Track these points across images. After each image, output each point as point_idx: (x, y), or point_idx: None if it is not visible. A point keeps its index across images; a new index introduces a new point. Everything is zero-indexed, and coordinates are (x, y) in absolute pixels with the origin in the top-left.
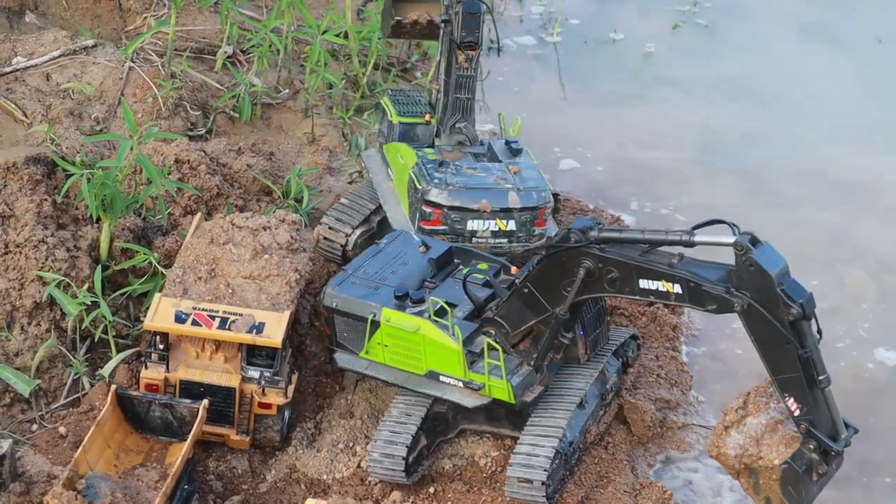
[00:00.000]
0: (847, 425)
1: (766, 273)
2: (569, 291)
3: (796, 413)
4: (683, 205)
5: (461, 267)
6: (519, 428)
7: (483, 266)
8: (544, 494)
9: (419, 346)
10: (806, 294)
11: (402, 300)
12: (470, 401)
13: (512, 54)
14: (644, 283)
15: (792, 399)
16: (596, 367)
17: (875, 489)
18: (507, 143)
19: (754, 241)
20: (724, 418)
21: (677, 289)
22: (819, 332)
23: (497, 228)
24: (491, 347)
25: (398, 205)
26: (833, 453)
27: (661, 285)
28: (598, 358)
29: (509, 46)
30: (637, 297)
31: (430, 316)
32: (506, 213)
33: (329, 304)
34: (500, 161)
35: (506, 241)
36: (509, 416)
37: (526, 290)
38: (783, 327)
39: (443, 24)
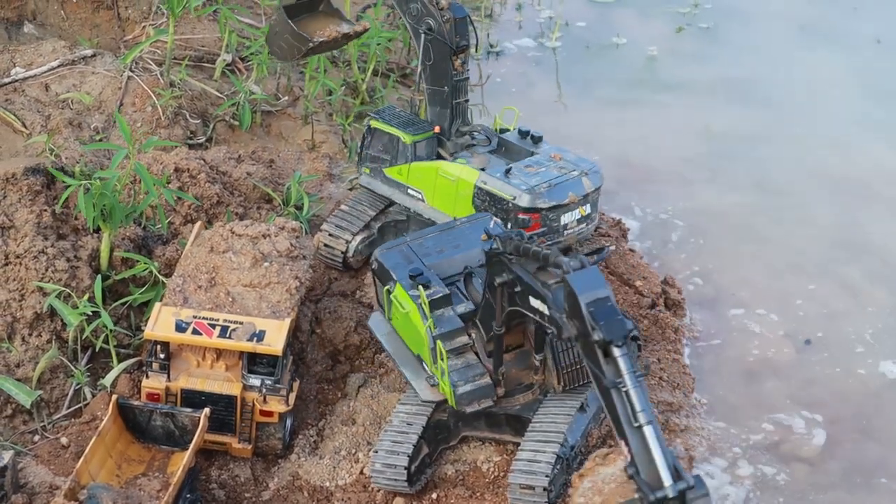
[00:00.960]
0: (681, 476)
1: (574, 294)
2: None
3: (628, 457)
4: (686, 208)
5: None
6: (520, 434)
7: None
8: (546, 500)
9: (413, 329)
10: (626, 326)
11: (414, 280)
12: (426, 393)
13: (512, 58)
14: (533, 302)
15: (623, 441)
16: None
17: None
18: (523, 132)
19: (583, 265)
20: (584, 466)
21: (545, 310)
22: (646, 367)
23: (580, 215)
24: (459, 350)
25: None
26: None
27: (540, 305)
28: None
29: (509, 50)
30: (529, 315)
31: (421, 302)
32: (584, 198)
33: (371, 265)
34: (522, 153)
35: (585, 225)
36: (510, 422)
37: (486, 297)
38: (591, 356)
39: (425, 34)
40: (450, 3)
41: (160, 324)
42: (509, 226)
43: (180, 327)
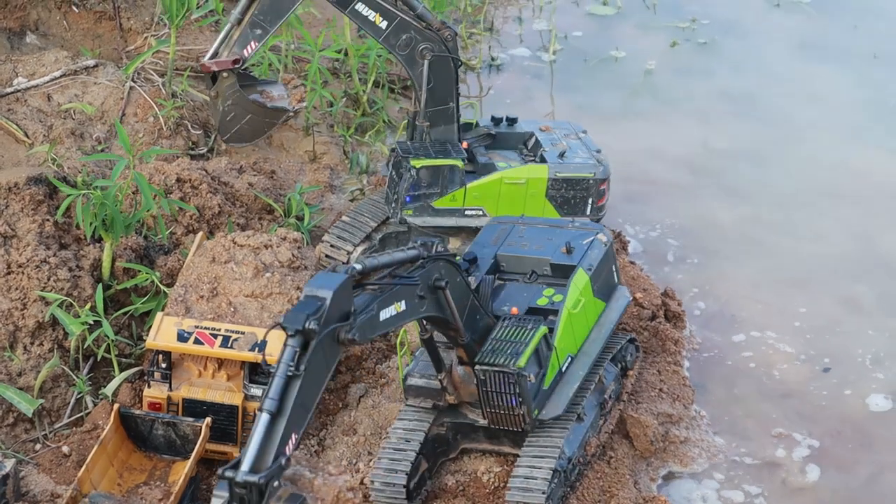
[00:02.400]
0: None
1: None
2: None
3: None
4: (686, 222)
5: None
6: (519, 445)
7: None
8: None
9: None
10: (300, 322)
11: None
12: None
13: (511, 71)
14: None
15: None
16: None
17: None
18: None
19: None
20: None
21: None
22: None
23: None
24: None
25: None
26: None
27: None
28: (595, 369)
29: (509, 63)
30: None
31: None
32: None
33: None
34: (516, 138)
35: None
36: (508, 434)
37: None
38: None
39: (429, 61)
40: (441, 21)
41: (162, 333)
42: (590, 202)
43: (182, 337)
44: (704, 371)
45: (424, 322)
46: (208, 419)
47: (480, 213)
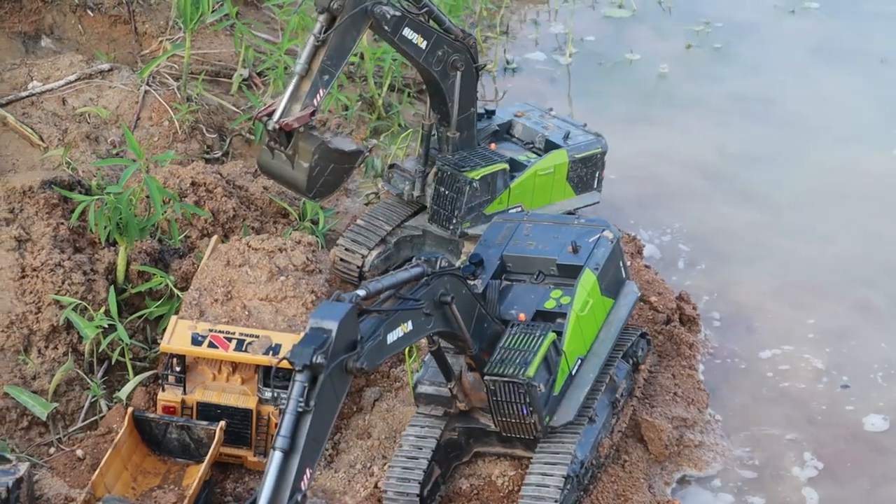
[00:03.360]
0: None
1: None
2: None
3: None
4: (700, 226)
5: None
6: (532, 449)
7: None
8: None
9: None
10: (307, 358)
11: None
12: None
13: (527, 74)
14: None
15: None
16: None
17: None
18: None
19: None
20: None
21: None
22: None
23: None
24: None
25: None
26: None
27: None
28: (606, 368)
29: (524, 66)
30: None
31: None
32: None
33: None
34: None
35: None
36: (521, 438)
37: None
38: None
39: (461, 71)
40: (461, 29)
41: (176, 337)
42: (597, 176)
43: (196, 340)
44: (719, 375)
45: (431, 335)
46: (222, 423)
47: (520, 208)
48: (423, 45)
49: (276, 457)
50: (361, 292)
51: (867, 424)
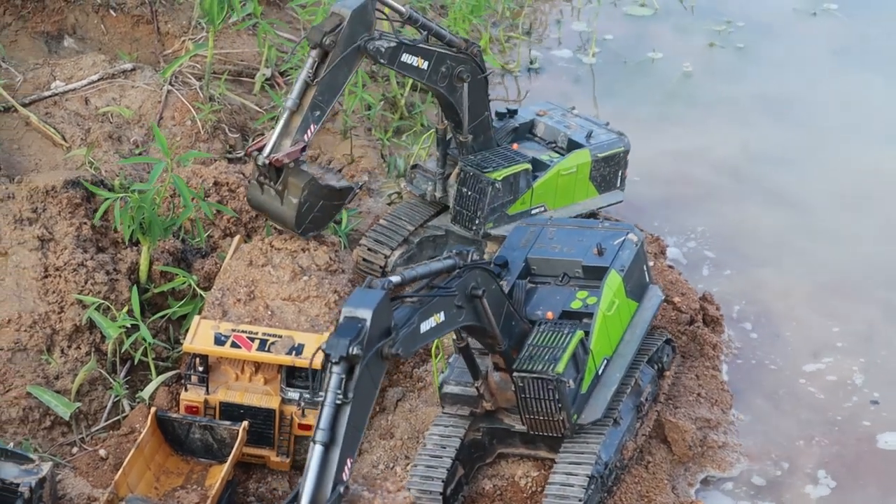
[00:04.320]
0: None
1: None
2: None
3: None
4: (724, 226)
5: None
6: (555, 450)
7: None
8: None
9: None
10: (344, 349)
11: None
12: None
13: (550, 74)
14: None
15: None
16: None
17: None
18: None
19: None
20: None
21: None
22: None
23: None
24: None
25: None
26: None
27: None
28: (631, 370)
29: (547, 66)
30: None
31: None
32: None
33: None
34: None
35: None
36: (545, 439)
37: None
38: None
39: (467, 83)
40: (463, 39)
41: (199, 337)
42: (619, 175)
43: (219, 340)
44: (743, 376)
45: (461, 331)
46: (245, 423)
47: (543, 209)
48: (425, 65)
49: (317, 450)
50: (395, 278)
51: (880, 442)
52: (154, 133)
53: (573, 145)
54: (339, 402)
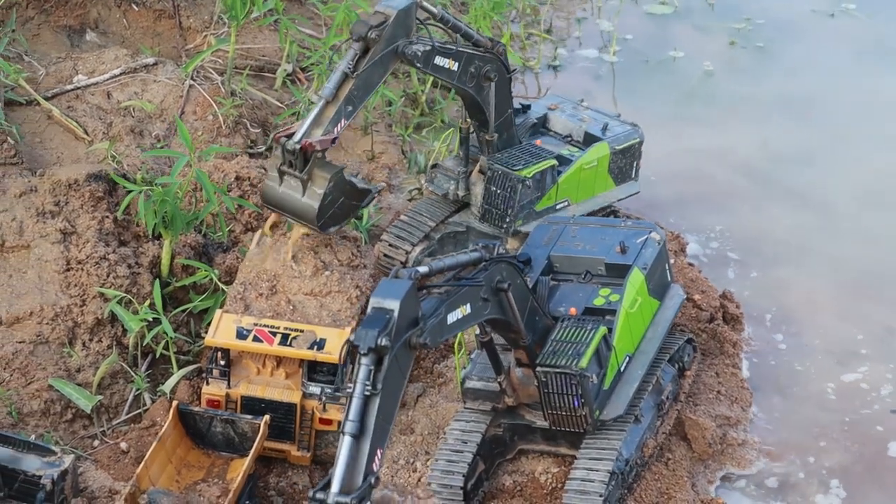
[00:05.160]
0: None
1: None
2: None
3: None
4: (744, 226)
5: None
6: (576, 447)
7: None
8: None
9: None
10: (372, 341)
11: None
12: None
13: (571, 72)
14: None
15: None
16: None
17: None
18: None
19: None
20: None
21: None
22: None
23: None
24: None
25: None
26: None
27: None
28: (653, 369)
29: (568, 64)
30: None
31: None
32: None
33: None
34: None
35: None
36: (566, 435)
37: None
38: None
39: (494, 82)
40: (488, 38)
41: (221, 331)
42: (635, 166)
43: (241, 334)
44: (762, 374)
45: (485, 325)
46: (267, 417)
47: (566, 203)
48: (455, 67)
49: (346, 441)
50: (423, 269)
51: (892, 450)
52: (178, 127)
53: (590, 138)
54: (368, 393)
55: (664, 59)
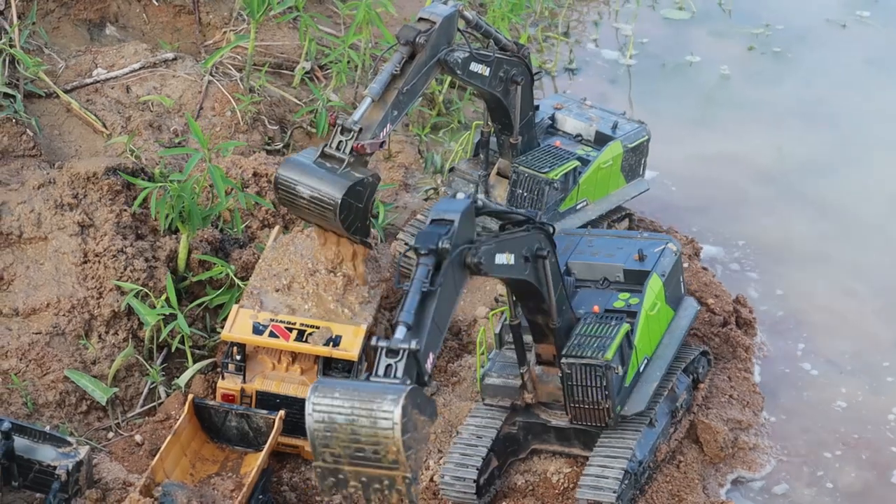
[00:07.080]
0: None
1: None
2: None
3: None
4: (759, 231)
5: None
6: (590, 448)
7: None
8: None
9: None
10: (432, 242)
11: None
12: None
13: (587, 75)
14: None
15: None
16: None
17: None
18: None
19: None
20: None
21: None
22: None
23: None
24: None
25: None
26: None
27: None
28: (669, 374)
29: (585, 67)
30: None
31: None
32: None
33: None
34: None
35: None
36: (579, 436)
37: None
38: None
39: (522, 85)
40: (514, 42)
41: (237, 326)
42: (643, 163)
43: (257, 330)
44: (774, 379)
45: (515, 306)
46: (281, 412)
47: (585, 203)
48: (487, 72)
49: (400, 329)
50: (479, 201)
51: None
52: (190, 125)
53: (603, 137)
54: (424, 289)
55: (681, 63)
